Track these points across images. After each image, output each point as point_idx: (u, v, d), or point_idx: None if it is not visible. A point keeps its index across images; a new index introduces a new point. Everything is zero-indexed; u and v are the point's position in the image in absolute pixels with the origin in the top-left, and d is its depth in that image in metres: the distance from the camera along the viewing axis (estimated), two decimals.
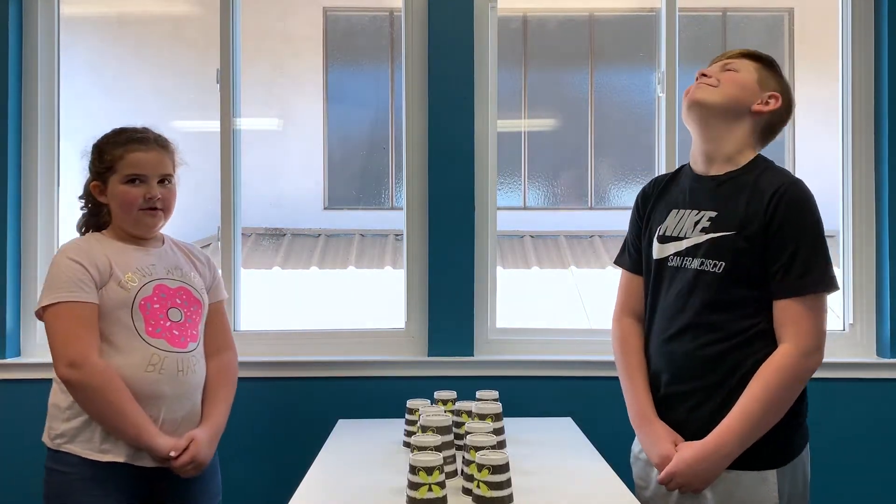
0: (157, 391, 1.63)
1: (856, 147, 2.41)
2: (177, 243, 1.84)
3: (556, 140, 5.22)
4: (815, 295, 1.45)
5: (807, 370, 1.45)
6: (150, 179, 1.68)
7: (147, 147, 1.70)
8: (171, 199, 1.73)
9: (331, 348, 2.36)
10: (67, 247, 1.67)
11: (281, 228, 5.04)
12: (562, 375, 2.29)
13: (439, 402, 1.78)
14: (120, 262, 1.66)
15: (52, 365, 1.60)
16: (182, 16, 4.35)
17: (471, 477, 1.39)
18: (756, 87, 1.56)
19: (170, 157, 1.75)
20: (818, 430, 2.30)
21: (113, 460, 1.61)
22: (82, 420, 1.61)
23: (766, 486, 1.45)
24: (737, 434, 1.43)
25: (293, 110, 5.02)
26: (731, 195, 1.51)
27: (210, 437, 1.70)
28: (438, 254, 2.33)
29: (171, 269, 1.74)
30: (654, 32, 2.50)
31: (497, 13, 2.43)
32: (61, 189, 2.43)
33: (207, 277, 1.84)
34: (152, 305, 1.66)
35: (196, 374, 1.71)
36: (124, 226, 1.71)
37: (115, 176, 1.68)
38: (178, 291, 1.72)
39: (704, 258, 1.50)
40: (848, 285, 2.42)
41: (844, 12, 2.44)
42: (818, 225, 1.46)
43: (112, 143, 1.70)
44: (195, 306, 1.74)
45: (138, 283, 1.66)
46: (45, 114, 2.40)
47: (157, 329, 1.65)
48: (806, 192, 1.48)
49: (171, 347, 1.66)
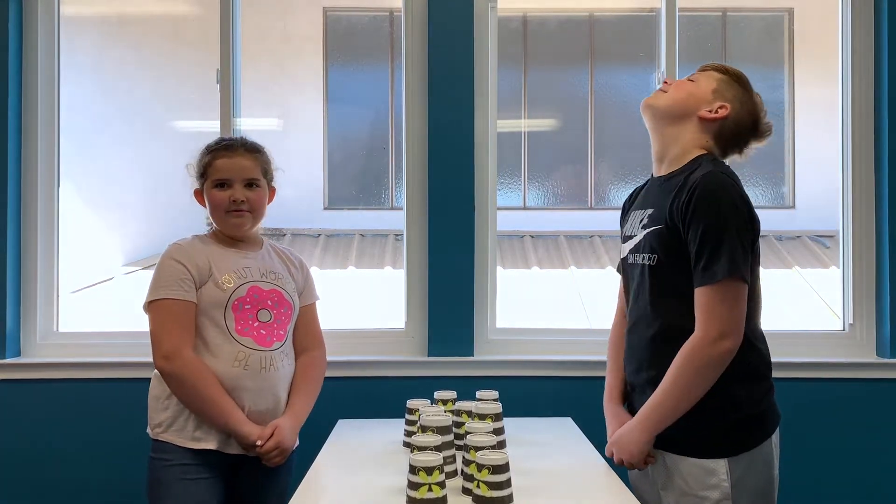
0: (241, 385, 1.73)
1: (856, 147, 2.41)
2: (275, 248, 1.94)
3: (556, 140, 5.23)
4: (720, 284, 1.45)
5: (713, 356, 1.46)
6: (234, 183, 1.79)
7: (232, 153, 1.81)
8: (258, 201, 1.82)
9: (330, 348, 2.35)
10: (172, 248, 1.79)
11: (281, 228, 5.05)
12: (562, 375, 2.30)
13: (439, 402, 1.78)
14: (219, 263, 1.78)
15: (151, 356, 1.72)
16: (182, 16, 4.35)
17: (471, 477, 1.39)
18: (709, 95, 1.61)
19: (258, 162, 1.84)
20: (818, 430, 2.32)
21: (205, 447, 1.71)
22: (177, 410, 1.73)
23: (716, 476, 1.48)
24: (653, 413, 1.51)
25: (293, 110, 5.03)
26: (666, 192, 1.57)
27: (293, 425, 1.78)
28: (438, 254, 2.33)
29: (266, 272, 1.83)
30: (654, 32, 2.51)
31: (497, 13, 2.43)
32: (61, 189, 2.43)
33: (300, 281, 1.93)
34: (244, 306, 1.76)
35: (279, 371, 1.79)
36: (220, 228, 1.83)
37: (208, 182, 1.81)
38: (271, 294, 1.82)
39: (643, 252, 1.59)
40: (848, 285, 2.42)
41: (844, 12, 2.44)
42: (725, 217, 1.46)
43: (205, 152, 1.84)
44: (285, 308, 1.83)
45: (234, 284, 1.76)
46: (45, 114, 2.40)
47: (245, 328, 1.75)
48: (720, 183, 1.48)
49: (257, 346, 1.76)
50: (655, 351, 1.56)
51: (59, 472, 2.30)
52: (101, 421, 2.27)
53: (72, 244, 2.51)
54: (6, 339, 2.31)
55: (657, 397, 1.51)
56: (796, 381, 2.25)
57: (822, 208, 1.60)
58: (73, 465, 2.29)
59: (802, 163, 4.35)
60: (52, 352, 2.37)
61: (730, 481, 1.48)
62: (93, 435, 2.28)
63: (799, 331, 2.44)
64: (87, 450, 2.29)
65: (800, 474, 2.16)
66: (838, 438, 2.31)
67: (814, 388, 2.31)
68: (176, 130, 4.71)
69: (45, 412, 2.30)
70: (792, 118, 4.53)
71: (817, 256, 5.09)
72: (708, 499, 1.48)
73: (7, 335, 2.31)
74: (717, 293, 1.45)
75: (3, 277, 2.30)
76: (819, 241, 5.23)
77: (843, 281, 2.44)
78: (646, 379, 1.58)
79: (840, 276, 2.47)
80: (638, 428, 1.53)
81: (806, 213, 4.77)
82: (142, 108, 4.35)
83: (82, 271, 4.46)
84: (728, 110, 1.60)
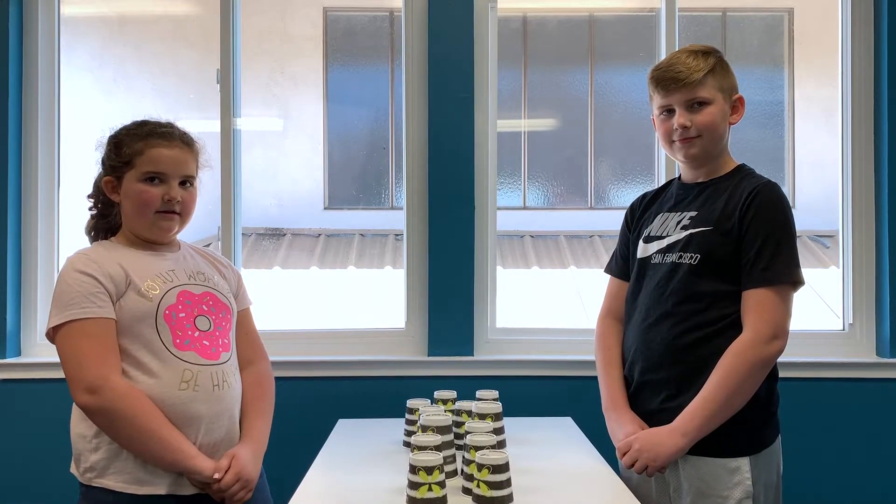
0: (193, 411, 1.46)
1: (856, 147, 2.41)
2: (194, 248, 1.68)
3: (556, 140, 5.22)
4: (778, 287, 1.49)
5: (764, 357, 1.48)
6: (170, 179, 1.52)
7: (171, 143, 1.53)
8: (190, 202, 1.56)
9: (331, 348, 2.36)
10: (73, 259, 1.49)
11: (281, 228, 5.04)
12: (562, 375, 2.30)
13: (439, 402, 1.78)
14: (136, 269, 1.49)
15: (70, 391, 1.46)
16: (182, 16, 4.34)
17: (471, 477, 1.39)
18: (725, 105, 1.61)
19: (194, 157, 1.58)
20: (818, 430, 2.32)
21: (152, 493, 1.44)
22: (112, 449, 1.44)
23: (739, 474, 1.48)
24: (697, 417, 1.48)
25: (293, 110, 5.02)
26: (712, 196, 1.59)
27: (253, 453, 1.54)
28: (438, 254, 2.33)
29: (193, 273, 1.57)
30: (654, 32, 2.50)
31: (497, 13, 2.43)
32: (61, 189, 2.43)
33: (232, 282, 1.68)
34: (178, 314, 1.49)
35: (232, 388, 1.54)
36: (136, 229, 1.54)
37: (132, 172, 1.51)
38: (204, 297, 1.55)
39: (682, 252, 1.58)
40: (848, 285, 2.43)
41: (844, 12, 2.44)
42: (787, 224, 1.52)
43: (132, 135, 1.53)
44: (223, 312, 1.58)
45: (160, 291, 1.48)
46: (45, 114, 2.40)
47: (185, 341, 1.48)
48: (779, 194, 1.55)
49: (203, 360, 1.49)
50: (680, 350, 1.55)
51: (59, 472, 2.30)
52: None
53: (72, 244, 2.51)
54: (6, 339, 2.31)
55: (703, 402, 1.48)
56: (796, 380, 2.25)
57: (822, 208, 1.60)
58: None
59: (802, 163, 4.35)
60: (52, 352, 2.35)
61: (751, 479, 1.48)
62: None
63: (799, 330, 2.42)
64: None
65: (800, 474, 2.16)
66: (838, 438, 2.31)
67: (814, 387, 2.31)
68: None
69: (45, 412, 2.30)
70: (792, 118, 4.53)
71: (817, 256, 5.08)
72: (731, 498, 1.48)
73: (7, 335, 2.31)
74: (774, 295, 1.48)
75: (3, 277, 2.31)
76: (819, 241, 5.23)
77: (843, 281, 2.44)
78: (667, 377, 1.56)
79: (840, 276, 2.47)
80: (680, 431, 1.49)
81: (806, 213, 4.77)
82: (142, 107, 4.34)
83: None
84: (743, 102, 1.63)
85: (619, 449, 1.59)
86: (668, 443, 1.50)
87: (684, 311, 1.55)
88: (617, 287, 1.79)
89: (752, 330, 1.48)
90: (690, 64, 1.57)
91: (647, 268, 1.66)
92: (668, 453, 1.50)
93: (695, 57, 1.58)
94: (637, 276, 1.70)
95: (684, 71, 1.57)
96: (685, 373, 1.54)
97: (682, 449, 1.50)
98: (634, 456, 1.53)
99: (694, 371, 1.52)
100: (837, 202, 2.46)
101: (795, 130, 4.18)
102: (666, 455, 1.50)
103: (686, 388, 1.53)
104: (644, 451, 1.52)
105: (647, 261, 1.67)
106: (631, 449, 1.54)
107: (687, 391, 1.53)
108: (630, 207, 1.82)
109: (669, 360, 1.57)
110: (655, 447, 1.51)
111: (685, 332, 1.55)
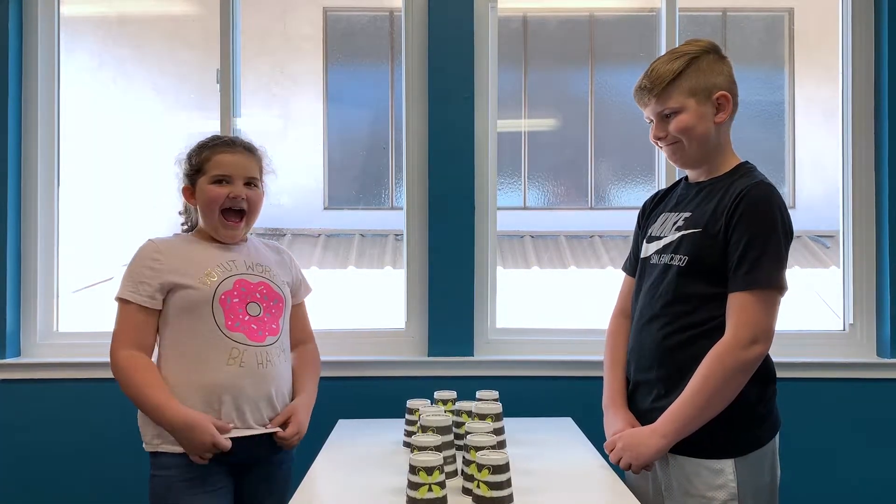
0: (238, 384, 1.66)
1: (856, 147, 2.41)
2: (265, 242, 1.91)
3: (556, 140, 5.22)
4: (760, 291, 1.47)
5: (742, 361, 1.46)
6: (235, 180, 1.74)
7: (234, 149, 1.76)
8: (257, 201, 1.78)
9: (331, 348, 2.35)
10: (146, 245, 1.73)
11: (281, 228, 5.04)
12: (562, 375, 2.30)
13: (439, 402, 1.78)
14: (202, 259, 1.72)
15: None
16: (182, 16, 4.34)
17: (471, 477, 1.39)
18: (701, 108, 1.56)
19: (257, 162, 1.80)
20: (818, 430, 2.31)
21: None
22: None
23: (723, 476, 1.48)
24: (676, 419, 1.49)
25: (293, 110, 5.02)
26: (707, 197, 1.59)
27: (306, 406, 1.78)
28: (438, 254, 2.33)
29: (253, 265, 1.78)
30: (654, 32, 2.50)
31: (497, 13, 2.43)
32: (61, 189, 2.43)
33: (295, 274, 1.92)
34: (232, 300, 1.69)
35: (275, 367, 1.73)
36: (208, 227, 1.77)
37: (203, 177, 1.74)
38: (259, 286, 1.75)
39: (674, 253, 1.58)
40: (848, 285, 2.43)
41: (844, 12, 2.44)
42: (774, 226, 1.48)
43: (202, 147, 1.78)
44: (275, 300, 1.77)
45: (218, 279, 1.70)
46: (45, 114, 2.40)
47: (236, 323, 1.68)
48: (768, 194, 1.50)
49: (250, 341, 1.69)
50: (668, 350, 1.56)
51: (59, 472, 2.30)
52: (101, 421, 2.27)
53: (72, 244, 2.51)
54: (6, 339, 2.31)
55: (681, 404, 1.48)
56: (796, 381, 2.26)
57: (822, 208, 1.60)
58: (73, 465, 2.29)
59: (802, 163, 4.35)
60: (52, 352, 2.37)
61: (736, 481, 1.47)
62: (93, 435, 2.28)
63: (799, 331, 2.43)
64: (87, 450, 2.29)
65: (800, 474, 2.16)
66: (838, 438, 2.31)
67: (814, 388, 2.31)
68: (176, 130, 4.71)
69: (45, 412, 2.30)
70: (792, 118, 4.53)
71: (817, 256, 5.08)
72: (715, 499, 1.48)
73: (7, 335, 2.31)
74: (757, 299, 1.46)
75: (3, 277, 2.30)
76: (819, 241, 5.23)
77: (843, 281, 2.44)
78: (656, 377, 1.58)
79: (840, 276, 2.47)
80: (659, 433, 1.50)
81: (806, 213, 4.77)
82: (142, 107, 4.33)
83: (82, 271, 4.46)
84: (729, 99, 1.57)
85: (606, 446, 1.61)
86: (649, 443, 1.51)
87: (672, 313, 1.56)
88: (629, 285, 1.79)
89: (732, 334, 1.47)
90: (657, 75, 1.57)
91: (647, 268, 1.67)
92: (648, 453, 1.51)
93: (668, 62, 1.57)
94: (639, 275, 1.71)
95: (648, 84, 1.58)
96: (672, 373, 1.54)
97: (662, 449, 1.51)
98: (619, 454, 1.56)
99: (681, 372, 1.52)
100: (837, 202, 2.46)
101: (795, 130, 4.18)
102: (647, 455, 1.51)
103: (672, 389, 1.53)
104: (626, 450, 1.54)
105: (647, 261, 1.68)
106: (615, 447, 1.57)
107: (673, 392, 1.53)
108: (643, 206, 1.83)
109: (658, 360, 1.58)
110: (637, 446, 1.52)
111: (673, 333, 1.55)
